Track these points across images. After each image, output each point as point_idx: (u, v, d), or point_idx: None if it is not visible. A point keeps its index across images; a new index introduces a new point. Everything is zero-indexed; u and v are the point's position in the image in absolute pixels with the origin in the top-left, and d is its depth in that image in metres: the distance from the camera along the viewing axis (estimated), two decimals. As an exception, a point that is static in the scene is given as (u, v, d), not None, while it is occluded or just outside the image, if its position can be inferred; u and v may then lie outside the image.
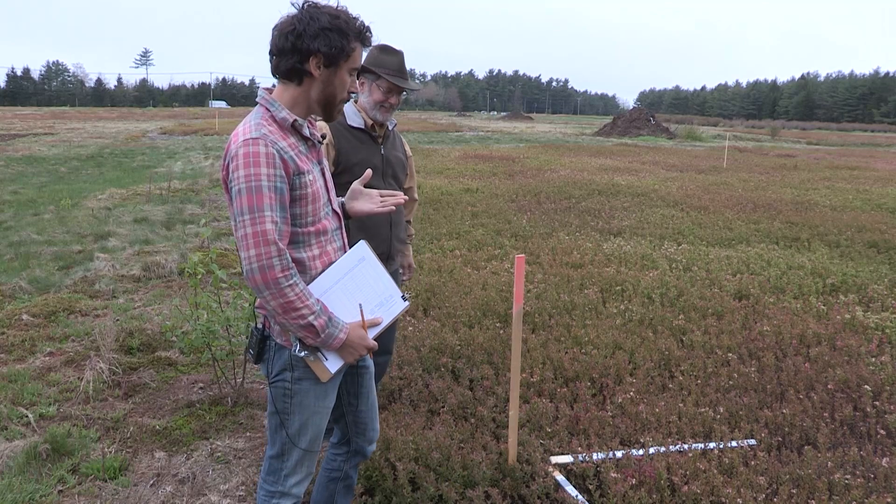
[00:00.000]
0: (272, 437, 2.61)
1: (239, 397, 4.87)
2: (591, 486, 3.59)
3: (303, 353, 2.42)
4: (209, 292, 5.08)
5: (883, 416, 4.47)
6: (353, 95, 2.61)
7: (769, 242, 9.97)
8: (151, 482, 3.86)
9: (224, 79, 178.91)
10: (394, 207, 2.75)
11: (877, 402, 4.63)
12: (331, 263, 2.50)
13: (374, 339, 2.59)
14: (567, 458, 3.85)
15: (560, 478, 3.71)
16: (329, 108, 2.49)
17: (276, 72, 2.43)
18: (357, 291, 2.53)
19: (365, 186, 2.81)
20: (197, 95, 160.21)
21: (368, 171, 2.85)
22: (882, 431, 4.29)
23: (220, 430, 4.48)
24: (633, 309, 6.35)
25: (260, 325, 2.54)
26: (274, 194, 2.25)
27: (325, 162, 2.63)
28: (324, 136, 2.65)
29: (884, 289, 7.47)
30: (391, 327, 4.38)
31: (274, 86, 2.49)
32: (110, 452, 4.11)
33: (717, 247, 9.61)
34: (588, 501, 3.52)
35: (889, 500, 3.51)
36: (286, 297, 2.24)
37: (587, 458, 3.82)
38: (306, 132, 2.46)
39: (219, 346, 4.94)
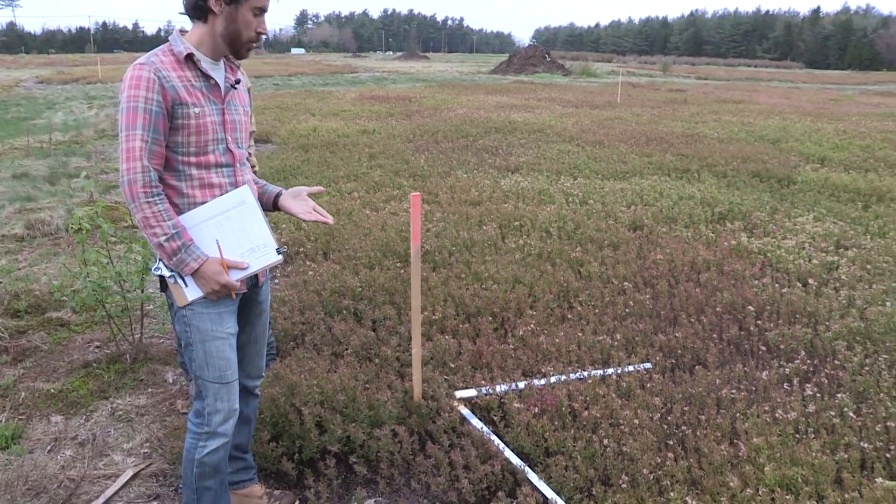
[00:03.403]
0: (194, 378, 2.72)
1: (138, 353, 4.74)
2: (495, 418, 3.67)
3: (158, 272, 2.55)
4: (98, 248, 4.86)
5: (764, 334, 4.74)
6: (264, 37, 2.61)
7: (661, 174, 10.27)
8: (49, 448, 3.73)
9: (105, 23, 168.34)
10: (321, 218, 2.79)
11: (759, 322, 4.90)
12: (214, 199, 2.59)
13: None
14: (471, 392, 3.92)
15: (465, 411, 3.77)
16: (235, 46, 2.57)
17: (185, 10, 2.55)
18: (230, 232, 2.58)
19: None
20: (75, 41, 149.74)
21: (321, 189, 2.94)
22: (763, 348, 4.55)
23: (120, 389, 4.36)
24: (531, 243, 6.45)
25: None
26: (148, 116, 2.40)
27: (238, 105, 2.70)
28: (238, 82, 2.70)
29: (766, 215, 7.84)
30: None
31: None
32: (1, 421, 3.93)
33: (611, 180, 9.83)
34: (493, 432, 3.59)
35: (766, 408, 3.74)
36: (143, 212, 2.41)
37: (491, 391, 3.90)
38: (207, 69, 2.55)
39: (113, 303, 4.77)
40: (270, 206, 2.88)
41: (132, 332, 4.91)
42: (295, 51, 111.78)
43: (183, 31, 2.58)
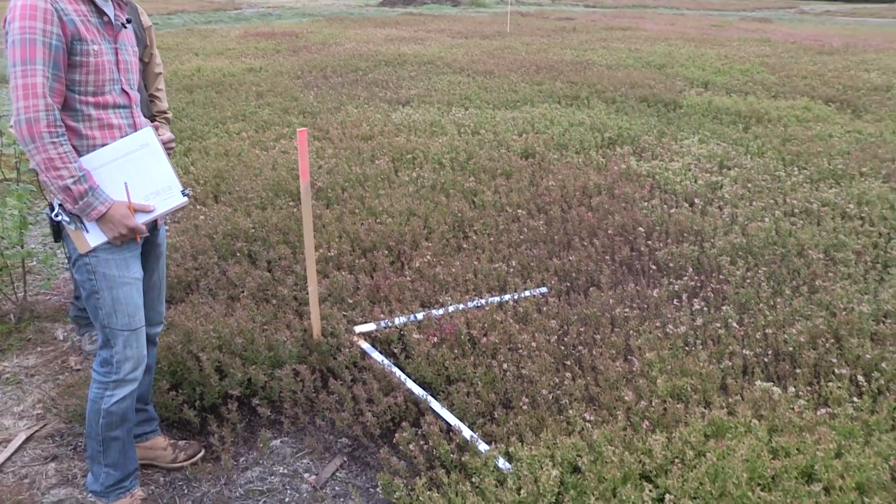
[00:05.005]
0: (97, 327, 2.65)
1: (23, 312, 4.53)
2: (396, 350, 3.69)
3: (59, 218, 2.46)
4: (-32, 206, 4.57)
5: (654, 253, 4.90)
6: None
7: (552, 102, 10.33)
8: (-73, 418, 3.53)
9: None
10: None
11: (649, 242, 5.05)
12: (114, 140, 2.50)
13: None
14: (370, 327, 3.91)
15: (365, 346, 3.77)
16: None
17: None
18: (134, 175, 2.51)
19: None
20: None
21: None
22: (653, 266, 4.71)
23: (5, 351, 4.17)
24: (424, 175, 6.42)
25: (52, 204, 2.50)
26: (48, 50, 2.27)
27: (128, 45, 2.62)
28: (129, 21, 2.61)
29: (653, 139, 8.04)
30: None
31: None
32: None
33: (503, 109, 9.83)
34: (394, 365, 3.60)
35: (658, 324, 3.89)
36: (48, 153, 2.28)
37: (390, 324, 3.90)
38: (101, 4, 2.45)
39: (-10, 262, 4.51)
40: None
41: (14, 290, 4.68)
42: None
43: None
